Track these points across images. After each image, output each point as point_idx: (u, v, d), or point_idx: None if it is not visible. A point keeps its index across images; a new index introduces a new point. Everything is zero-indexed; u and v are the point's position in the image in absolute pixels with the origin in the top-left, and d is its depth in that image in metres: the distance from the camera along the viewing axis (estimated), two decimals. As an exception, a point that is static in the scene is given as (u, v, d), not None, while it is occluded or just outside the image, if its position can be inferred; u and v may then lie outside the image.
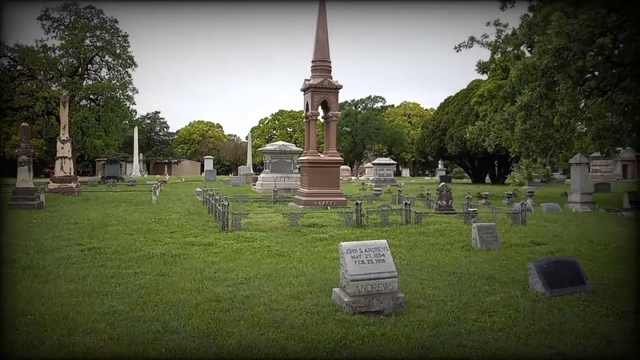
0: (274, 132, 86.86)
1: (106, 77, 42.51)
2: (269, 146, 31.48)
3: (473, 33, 20.16)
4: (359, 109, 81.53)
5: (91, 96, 42.16)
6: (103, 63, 42.73)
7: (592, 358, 4.23)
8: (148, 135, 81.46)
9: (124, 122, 46.92)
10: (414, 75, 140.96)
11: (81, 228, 12.07)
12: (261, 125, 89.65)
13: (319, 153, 18.73)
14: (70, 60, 41.08)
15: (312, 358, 4.21)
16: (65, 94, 26.75)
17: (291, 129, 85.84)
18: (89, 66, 42.59)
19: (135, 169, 55.70)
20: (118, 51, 41.42)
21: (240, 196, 20.23)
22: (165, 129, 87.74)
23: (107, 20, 41.03)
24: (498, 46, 19.49)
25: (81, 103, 42.14)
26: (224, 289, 6.31)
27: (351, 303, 5.24)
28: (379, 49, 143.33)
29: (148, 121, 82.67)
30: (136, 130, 57.76)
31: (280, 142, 33.75)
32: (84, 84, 41.59)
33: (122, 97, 42.41)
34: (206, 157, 61.01)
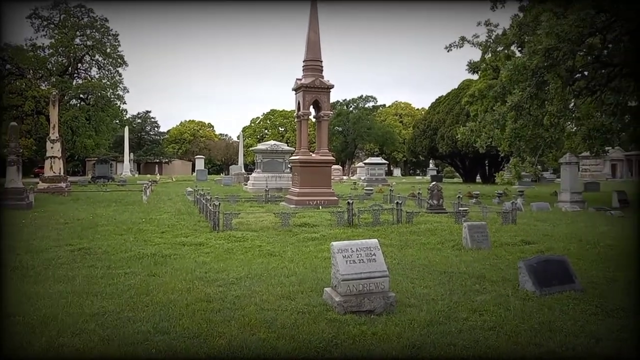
0: (266, 132, 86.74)
1: (96, 76, 42.32)
2: (261, 146, 31.39)
3: (464, 33, 20.30)
4: (351, 109, 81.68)
5: (81, 95, 41.94)
6: (93, 62, 42.56)
7: (582, 356, 4.26)
8: (139, 134, 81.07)
9: (115, 122, 46.69)
10: (405, 75, 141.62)
11: (71, 228, 11.98)
12: (253, 124, 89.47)
13: (311, 153, 18.72)
14: (60, 59, 40.81)
15: (303, 358, 4.21)
16: (54, 93, 26.56)
17: (283, 129, 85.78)
18: (79, 65, 42.35)
19: (125, 169, 55.36)
20: (108, 50, 41.22)
21: (231, 196, 20.17)
22: (156, 129, 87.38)
23: (98, 19, 40.84)
24: (489, 46, 19.65)
25: (71, 102, 41.91)
26: (215, 289, 6.28)
27: (342, 302, 5.24)
28: (371, 49, 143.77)
29: (139, 120, 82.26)
30: (127, 129, 57.41)
31: (271, 142, 33.67)
32: (74, 83, 41.34)
33: (113, 97, 42.24)
34: (197, 157, 60.78)
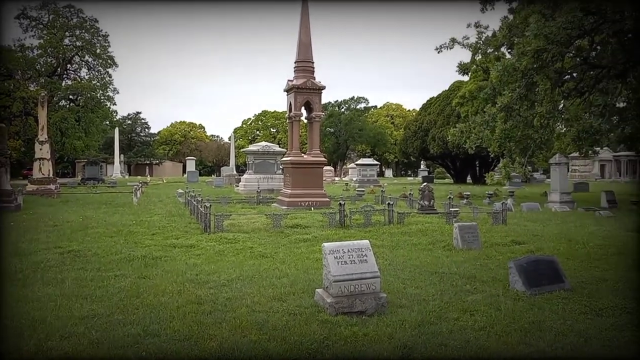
0: (257, 133, 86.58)
1: (86, 77, 42.01)
2: (252, 147, 31.30)
3: (454, 34, 20.41)
4: (343, 110, 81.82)
5: (71, 96, 41.60)
6: (83, 63, 42.25)
7: (571, 355, 4.29)
8: (129, 136, 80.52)
9: (105, 123, 46.38)
10: (397, 76, 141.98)
11: (60, 230, 11.87)
12: (244, 125, 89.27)
13: (302, 154, 18.71)
14: (48, 59, 40.45)
15: (295, 359, 4.20)
16: (43, 94, 26.30)
17: (274, 130, 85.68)
18: (69, 66, 42.01)
19: (116, 171, 54.99)
20: (98, 51, 40.93)
21: (223, 197, 20.10)
22: (146, 130, 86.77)
23: (87, 19, 40.53)
24: (479, 47, 19.77)
25: (60, 103, 41.58)
26: (206, 291, 6.25)
27: (334, 304, 5.24)
28: (362, 50, 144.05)
29: (129, 122, 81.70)
30: (117, 131, 57.03)
31: (263, 143, 33.60)
32: (63, 84, 41.00)
33: (103, 98, 41.94)
34: (188, 158, 60.53)
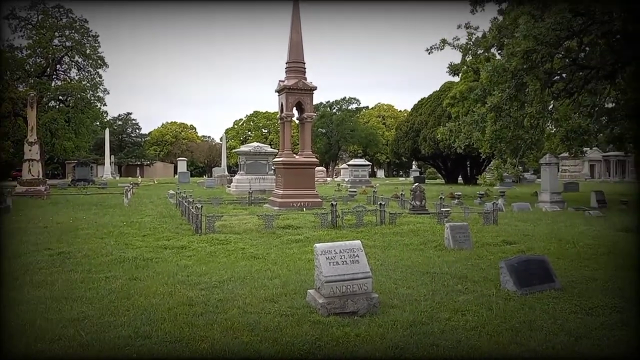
0: (249, 134, 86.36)
1: (76, 78, 41.64)
2: (244, 147, 31.21)
3: (445, 35, 20.47)
4: (334, 111, 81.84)
5: (60, 97, 41.23)
6: (73, 63, 41.87)
7: (562, 354, 4.31)
8: (120, 137, 79.95)
9: (95, 124, 46.02)
10: (388, 77, 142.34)
11: (50, 232, 11.76)
12: (236, 126, 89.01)
13: (294, 154, 18.70)
14: (38, 60, 40.08)
15: (287, 360, 4.20)
16: (32, 95, 26.07)
17: (266, 130, 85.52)
18: (58, 66, 41.63)
19: (106, 172, 54.56)
20: (88, 51, 40.60)
21: (214, 198, 20.03)
22: (137, 131, 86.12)
23: (77, 19, 40.19)
24: (469, 48, 19.89)
25: (50, 104, 41.17)
26: (197, 293, 6.23)
27: (326, 304, 5.24)
28: (353, 51, 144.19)
29: (120, 122, 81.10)
30: (107, 131, 56.59)
31: (255, 144, 33.52)
32: (53, 85, 40.64)
33: (93, 98, 41.59)
34: (179, 159, 60.23)
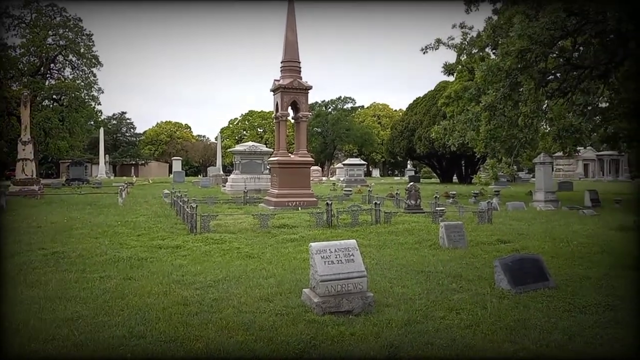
0: (244, 133, 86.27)
1: (70, 77, 41.46)
2: (239, 147, 31.16)
3: (440, 35, 20.55)
4: (330, 110, 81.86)
5: (54, 96, 41.05)
6: (67, 62, 41.69)
7: (556, 353, 4.33)
8: (114, 136, 79.70)
9: (89, 123, 45.88)
10: (383, 76, 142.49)
11: (44, 232, 11.71)
12: (231, 125, 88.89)
13: (289, 154, 18.69)
14: (31, 59, 39.90)
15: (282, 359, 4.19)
16: (26, 94, 25.92)
17: (261, 130, 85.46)
18: (52, 65, 41.45)
19: (101, 171, 54.34)
20: (82, 50, 40.43)
21: (209, 197, 20.00)
22: (132, 130, 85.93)
23: (71, 18, 40.03)
24: (464, 48, 19.93)
25: (44, 103, 41.00)
26: (192, 292, 6.22)
27: (321, 303, 5.25)
28: (349, 50, 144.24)
29: (114, 122, 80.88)
30: (102, 131, 56.37)
31: (250, 143, 33.47)
32: (47, 84, 40.44)
33: (87, 97, 41.44)
34: (174, 158, 60.01)
